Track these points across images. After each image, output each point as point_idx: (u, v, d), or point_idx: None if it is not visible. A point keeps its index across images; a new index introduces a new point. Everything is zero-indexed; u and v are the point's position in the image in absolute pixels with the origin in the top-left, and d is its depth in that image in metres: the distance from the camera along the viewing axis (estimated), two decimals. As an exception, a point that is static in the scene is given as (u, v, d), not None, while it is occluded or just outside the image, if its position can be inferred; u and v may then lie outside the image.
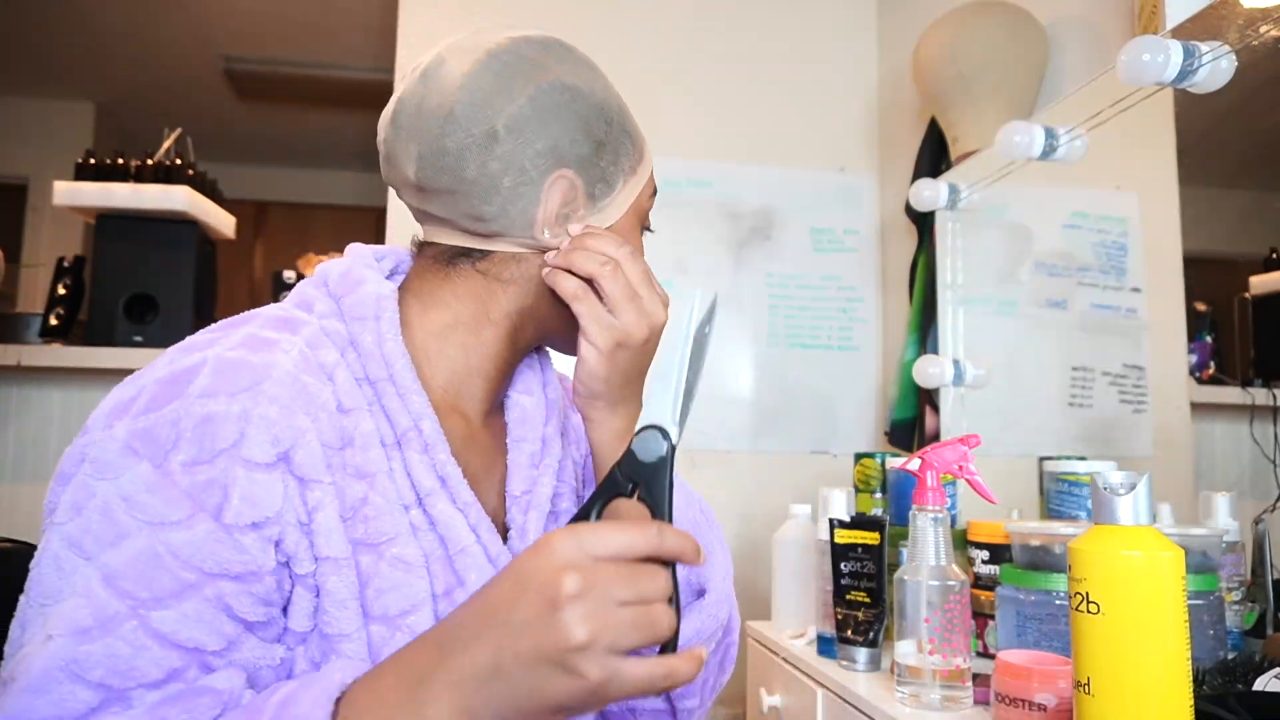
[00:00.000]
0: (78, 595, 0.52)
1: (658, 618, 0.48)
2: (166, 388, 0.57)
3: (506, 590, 0.48)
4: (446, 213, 0.68)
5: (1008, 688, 0.80)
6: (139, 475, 0.54)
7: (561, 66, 0.68)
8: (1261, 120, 1.19)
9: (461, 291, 0.69)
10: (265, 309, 0.66)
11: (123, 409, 0.57)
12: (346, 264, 0.70)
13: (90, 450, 0.56)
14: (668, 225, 2.07)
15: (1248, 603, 1.03)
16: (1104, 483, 0.65)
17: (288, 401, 0.58)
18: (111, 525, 0.54)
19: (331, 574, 0.58)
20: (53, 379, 2.05)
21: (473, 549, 0.64)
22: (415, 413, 0.64)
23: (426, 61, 0.68)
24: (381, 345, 0.65)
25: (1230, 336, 1.30)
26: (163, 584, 0.53)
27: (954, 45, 1.60)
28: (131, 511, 0.54)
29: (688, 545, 0.50)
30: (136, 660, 0.52)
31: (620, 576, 0.47)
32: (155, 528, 0.54)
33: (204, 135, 3.51)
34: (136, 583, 0.53)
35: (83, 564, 0.53)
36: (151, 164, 2.12)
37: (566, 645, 0.45)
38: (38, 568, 0.55)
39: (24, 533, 0.90)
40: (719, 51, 2.18)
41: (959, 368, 1.59)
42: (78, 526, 0.54)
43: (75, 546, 0.54)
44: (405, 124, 0.67)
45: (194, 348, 0.60)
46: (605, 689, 0.46)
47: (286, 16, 3.20)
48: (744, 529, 2.04)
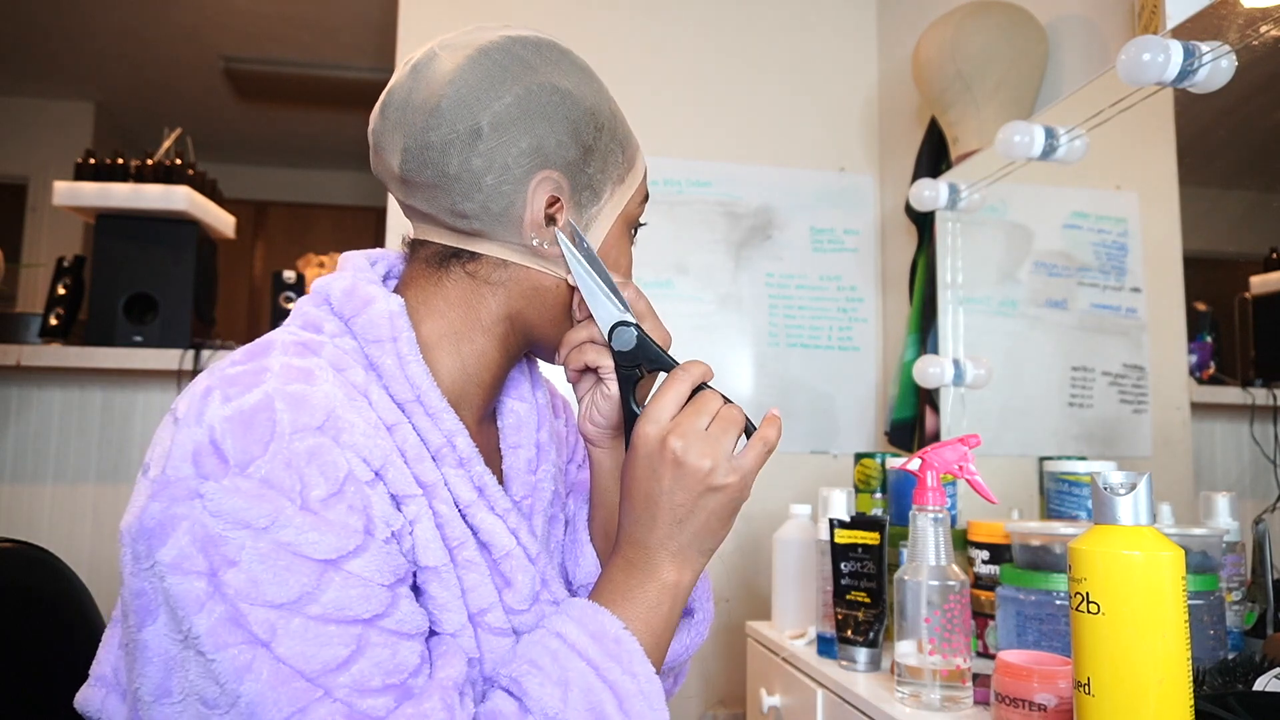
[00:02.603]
0: (288, 637, 0.53)
1: (732, 416, 0.67)
2: (249, 428, 0.55)
3: (644, 481, 0.65)
4: (430, 208, 0.68)
5: (1008, 688, 0.80)
6: (290, 519, 0.54)
7: (553, 68, 0.68)
8: (1261, 120, 1.19)
9: (453, 298, 0.69)
10: (276, 335, 0.64)
11: (214, 456, 0.55)
12: (348, 281, 0.67)
13: (200, 501, 0.54)
14: (668, 225, 2.07)
15: (1248, 603, 1.03)
16: (1104, 483, 0.65)
17: (363, 426, 0.59)
18: (287, 568, 0.54)
19: (433, 580, 0.62)
20: (53, 379, 2.06)
21: (515, 551, 0.67)
22: (448, 430, 0.65)
23: (419, 55, 0.68)
24: (405, 368, 0.64)
25: (1230, 336, 1.30)
26: (367, 606, 0.56)
27: (954, 45, 1.60)
28: (303, 551, 0.54)
29: (704, 366, 0.69)
30: (397, 658, 0.57)
31: (692, 413, 0.65)
32: (334, 563, 0.55)
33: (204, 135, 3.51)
34: (347, 608, 0.55)
35: (273, 612, 0.53)
36: (151, 164, 2.12)
37: (705, 476, 0.64)
38: (188, 615, 0.53)
39: (24, 533, 0.90)
40: (719, 51, 2.18)
41: (959, 368, 1.59)
42: (242, 579, 0.53)
43: (248, 599, 0.53)
44: (392, 116, 0.67)
45: (244, 385, 0.57)
46: (744, 482, 0.66)
47: (286, 16, 3.20)
48: (744, 529, 2.04)
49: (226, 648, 0.52)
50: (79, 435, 2.06)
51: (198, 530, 0.53)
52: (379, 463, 0.59)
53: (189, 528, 0.53)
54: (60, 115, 3.99)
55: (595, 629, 0.62)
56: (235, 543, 0.53)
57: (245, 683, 0.52)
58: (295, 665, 0.53)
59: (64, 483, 2.05)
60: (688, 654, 0.78)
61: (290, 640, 0.53)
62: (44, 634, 0.87)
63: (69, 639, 0.89)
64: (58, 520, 2.03)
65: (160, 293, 2.03)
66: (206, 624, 0.52)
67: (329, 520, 0.55)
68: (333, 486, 0.56)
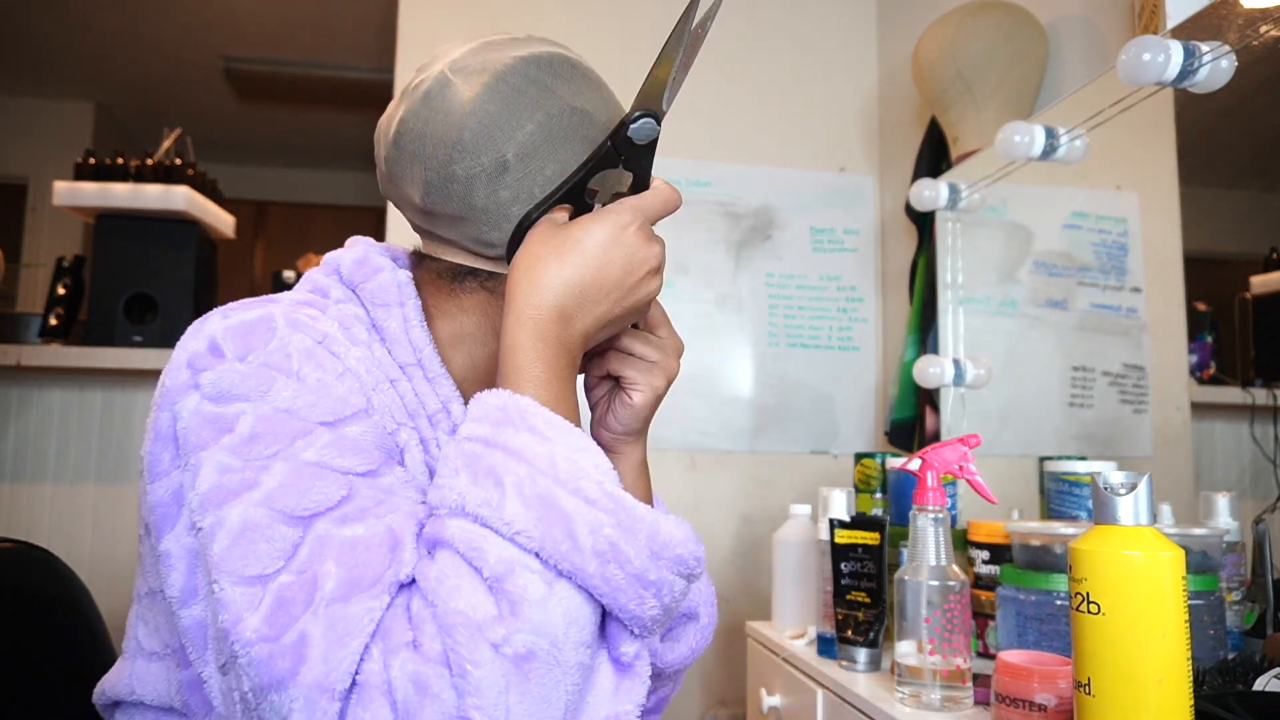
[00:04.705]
0: (279, 476, 0.53)
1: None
2: (249, 332, 0.58)
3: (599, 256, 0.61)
4: (453, 235, 0.68)
5: (1008, 688, 0.80)
6: (286, 388, 0.56)
7: (568, 87, 0.67)
8: (1261, 120, 1.19)
9: (468, 305, 0.69)
10: (283, 294, 0.67)
11: (210, 354, 0.57)
12: (359, 252, 0.70)
13: (199, 393, 0.56)
14: (668, 225, 2.06)
15: (1248, 603, 1.03)
16: (1104, 483, 0.65)
17: (360, 355, 0.61)
18: (284, 425, 0.55)
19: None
20: (53, 379, 2.06)
21: None
22: (444, 396, 0.66)
23: (429, 81, 0.66)
24: (408, 331, 0.66)
25: (1230, 336, 1.30)
26: (361, 460, 0.56)
27: (954, 45, 1.60)
28: (298, 413, 0.55)
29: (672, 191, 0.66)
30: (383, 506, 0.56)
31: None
32: (330, 425, 0.56)
33: (204, 135, 3.51)
34: (341, 458, 0.55)
35: (268, 460, 0.54)
36: (151, 164, 2.12)
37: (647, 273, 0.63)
38: (191, 493, 0.54)
39: (24, 533, 0.90)
40: (719, 51, 2.17)
41: (959, 368, 1.59)
42: (238, 439, 0.54)
43: (243, 454, 0.54)
44: (409, 148, 0.66)
45: (249, 306, 0.61)
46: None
47: (286, 16, 3.20)
48: (744, 529, 2.04)
49: (219, 503, 0.53)
50: (79, 435, 2.06)
51: (196, 418, 0.56)
52: (371, 386, 0.61)
53: (188, 416, 0.56)
54: (60, 115, 3.99)
55: (479, 411, 0.56)
56: (232, 413, 0.55)
57: (232, 515, 0.52)
58: (282, 502, 0.53)
59: (64, 483, 2.05)
60: (694, 656, 0.78)
61: (281, 476, 0.53)
62: (43, 634, 0.88)
63: (68, 639, 0.89)
64: (58, 520, 2.03)
65: (160, 293, 2.03)
66: (205, 486, 0.54)
67: (325, 393, 0.57)
68: (329, 375, 0.58)
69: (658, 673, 0.76)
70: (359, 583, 0.50)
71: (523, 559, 0.51)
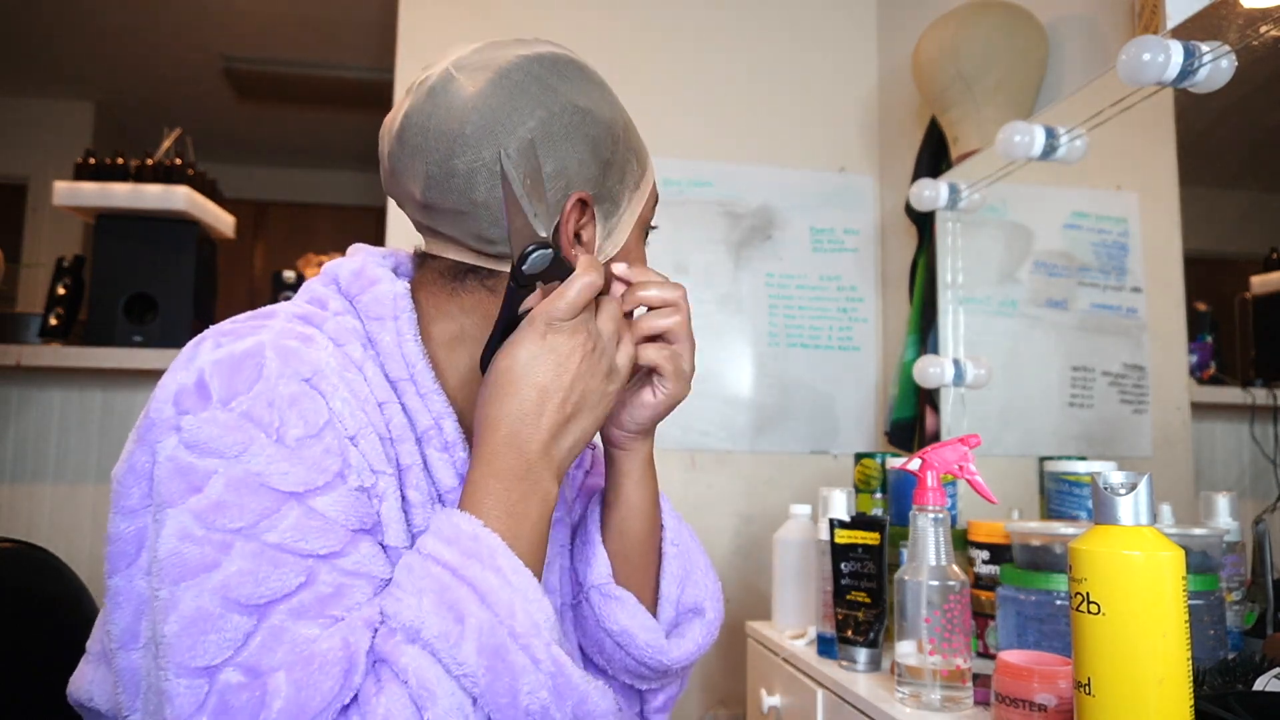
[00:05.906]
0: (238, 561, 0.53)
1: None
2: (237, 370, 0.58)
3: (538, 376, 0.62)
4: (454, 232, 0.68)
5: (1008, 688, 0.80)
6: (263, 450, 0.56)
7: (571, 87, 0.67)
8: (1261, 120, 1.19)
9: (468, 305, 0.69)
10: (281, 305, 0.66)
11: (196, 393, 0.57)
12: (358, 263, 0.70)
13: (178, 437, 0.56)
14: (668, 225, 2.07)
15: (1248, 603, 1.03)
16: (1104, 483, 0.65)
17: (347, 395, 0.61)
18: (253, 498, 0.55)
19: (391, 558, 0.61)
20: (52, 379, 2.06)
21: None
22: (436, 412, 0.66)
23: (434, 77, 0.66)
24: (401, 345, 0.66)
25: (1230, 336, 1.31)
26: (325, 542, 0.56)
27: (954, 45, 1.60)
28: (269, 483, 0.55)
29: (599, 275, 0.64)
30: (340, 595, 0.56)
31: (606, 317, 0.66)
32: (300, 497, 0.56)
33: (204, 135, 3.51)
34: (303, 540, 0.55)
35: (230, 536, 0.54)
36: (151, 164, 2.12)
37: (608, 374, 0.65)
38: (151, 551, 0.55)
39: (24, 533, 0.90)
40: (719, 51, 2.18)
41: (959, 368, 1.59)
42: (206, 503, 0.54)
43: (207, 523, 0.54)
44: (412, 141, 0.66)
45: (238, 334, 0.61)
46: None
47: (286, 16, 3.20)
48: (744, 529, 2.04)
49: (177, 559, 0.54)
50: (79, 435, 2.06)
51: (169, 465, 0.56)
52: (354, 430, 0.61)
53: (164, 461, 0.56)
54: (60, 115, 3.99)
55: (450, 534, 0.58)
56: (204, 470, 0.55)
57: (186, 598, 0.53)
58: (238, 591, 0.53)
59: (64, 483, 2.05)
60: (700, 652, 0.78)
61: (240, 561, 0.54)
62: (43, 634, 0.88)
63: (68, 639, 0.89)
64: (57, 520, 2.03)
65: (160, 293, 2.03)
66: (165, 552, 0.54)
67: (302, 456, 0.57)
68: (311, 430, 0.58)
69: (665, 670, 0.76)
70: (305, 708, 0.51)
71: (465, 707, 0.54)
